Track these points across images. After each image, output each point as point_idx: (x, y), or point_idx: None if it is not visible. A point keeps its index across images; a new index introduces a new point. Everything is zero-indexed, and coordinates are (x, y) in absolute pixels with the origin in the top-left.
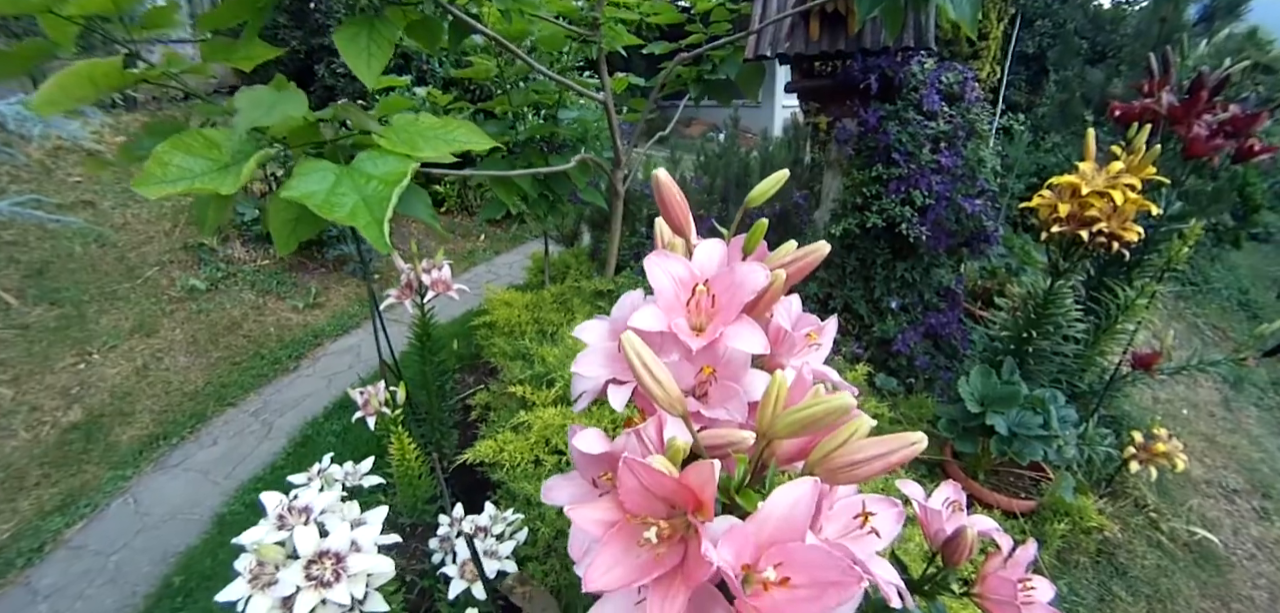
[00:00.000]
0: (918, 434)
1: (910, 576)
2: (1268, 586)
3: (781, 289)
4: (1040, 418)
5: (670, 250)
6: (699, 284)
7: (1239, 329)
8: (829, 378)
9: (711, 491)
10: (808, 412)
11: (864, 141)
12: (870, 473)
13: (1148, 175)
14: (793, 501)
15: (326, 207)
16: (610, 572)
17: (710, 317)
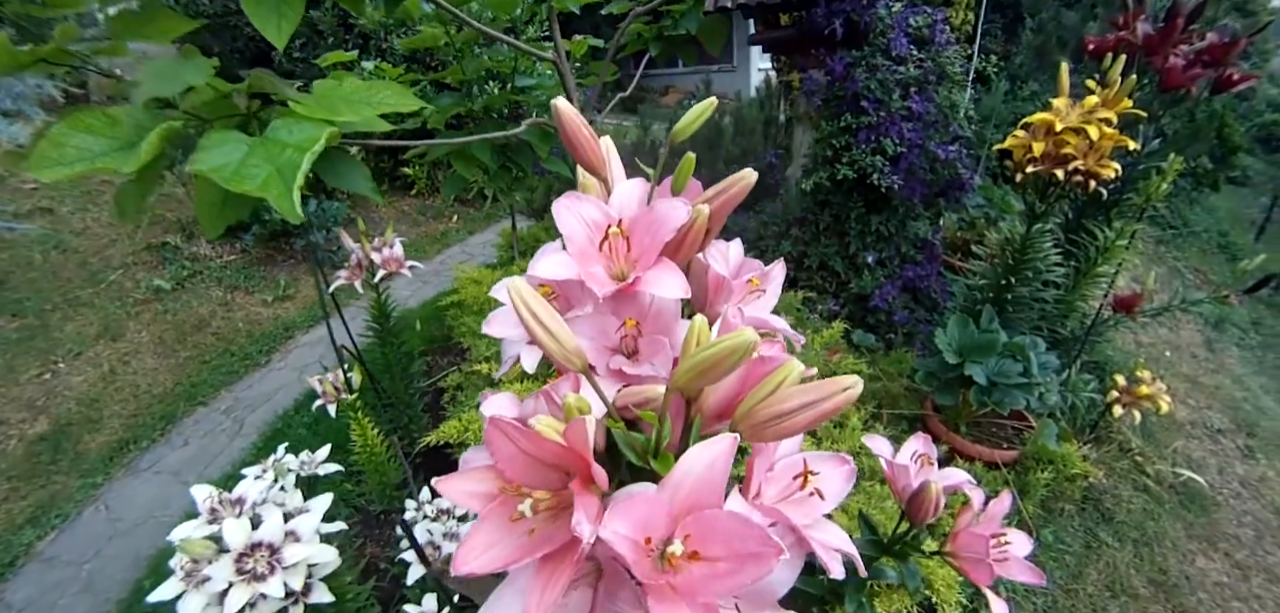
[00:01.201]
0: (851, 378)
1: (880, 537)
2: (1253, 523)
3: (705, 226)
4: (1020, 366)
5: (585, 192)
6: (612, 226)
7: (1219, 271)
8: (771, 326)
9: (587, 452)
10: (702, 354)
11: (832, 92)
12: (800, 425)
13: (1123, 109)
14: (707, 462)
15: (237, 180)
16: (486, 553)
17: (631, 263)
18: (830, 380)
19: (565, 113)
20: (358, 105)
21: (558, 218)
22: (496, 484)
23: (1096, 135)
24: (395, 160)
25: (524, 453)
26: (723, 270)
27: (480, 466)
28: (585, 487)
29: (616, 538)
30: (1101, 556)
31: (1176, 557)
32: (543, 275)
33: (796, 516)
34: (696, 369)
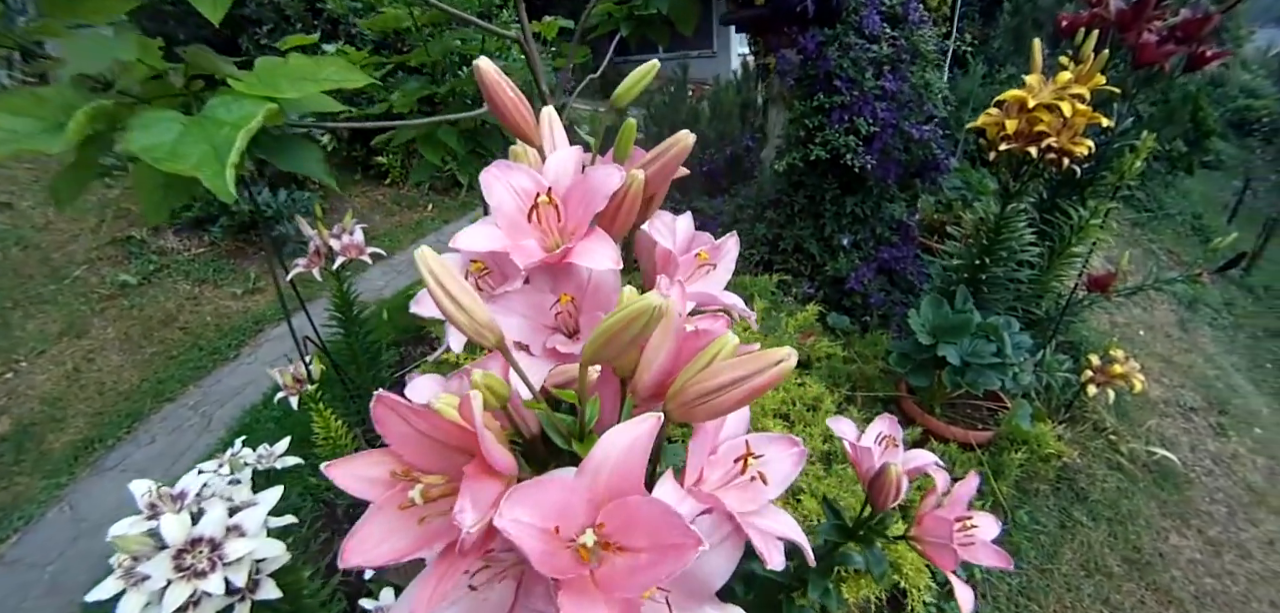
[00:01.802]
0: (783, 350)
1: (845, 522)
2: (1226, 500)
3: (640, 193)
4: (994, 346)
5: (516, 160)
6: (541, 195)
7: (1193, 253)
8: (720, 302)
9: (481, 431)
10: (604, 324)
11: (805, 71)
12: (731, 402)
13: (1097, 85)
14: (627, 445)
15: (171, 159)
16: (380, 545)
17: (564, 234)
18: (761, 353)
19: (485, 71)
20: (301, 82)
21: (486, 187)
22: (390, 469)
23: (1069, 112)
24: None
25: (419, 434)
26: (668, 243)
27: (377, 450)
28: (481, 471)
29: (517, 528)
30: (1076, 535)
31: (1150, 535)
32: (466, 248)
33: (737, 502)
34: (600, 341)
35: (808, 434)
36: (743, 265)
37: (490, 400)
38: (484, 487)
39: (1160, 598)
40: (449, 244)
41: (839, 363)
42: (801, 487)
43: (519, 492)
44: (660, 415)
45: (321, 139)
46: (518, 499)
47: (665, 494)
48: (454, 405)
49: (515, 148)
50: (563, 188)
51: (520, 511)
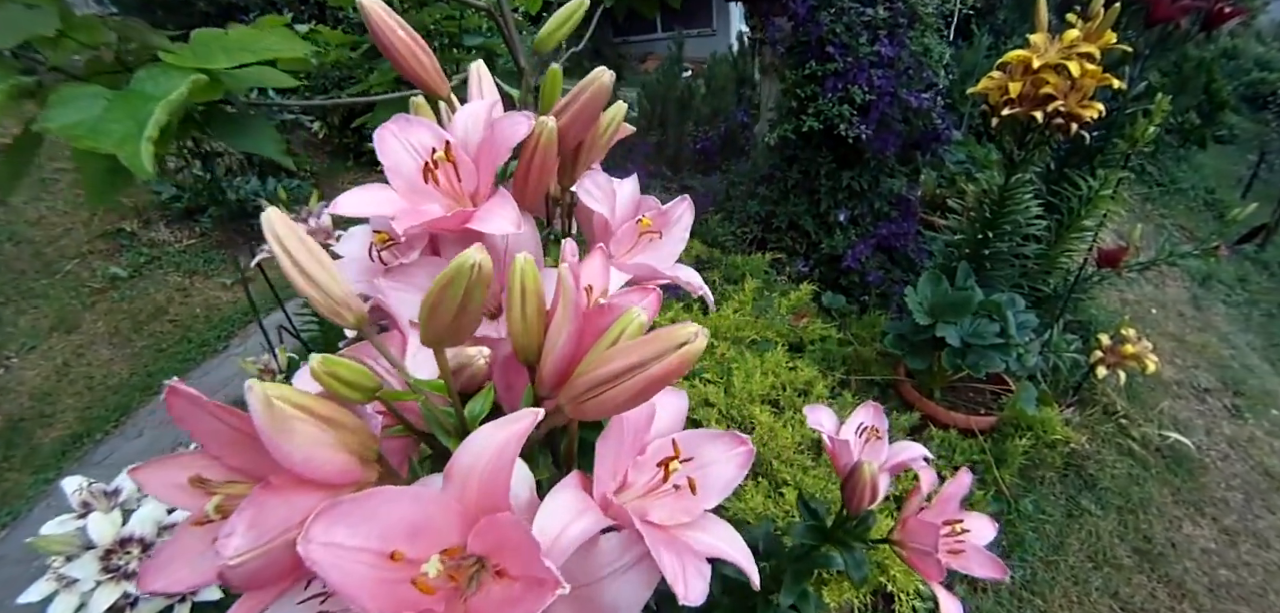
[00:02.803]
0: (690, 327)
1: (823, 523)
2: (1242, 485)
3: (553, 145)
4: (997, 326)
5: (417, 114)
6: (438, 151)
7: (1205, 229)
8: (662, 276)
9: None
10: (428, 297)
11: (797, 38)
12: (628, 395)
13: (1107, 43)
14: (495, 448)
15: (93, 137)
16: (181, 569)
17: (476, 198)
18: (661, 333)
19: (369, 10)
20: (237, 53)
21: (380, 145)
22: (192, 474)
23: (1078, 72)
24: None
25: (234, 431)
26: (599, 208)
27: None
28: (289, 484)
29: (331, 555)
30: (1084, 524)
31: (1162, 523)
32: (349, 212)
33: (666, 513)
34: (424, 314)
35: (798, 421)
36: (735, 244)
37: (342, 392)
38: (282, 502)
39: (1172, 591)
40: (332, 207)
41: (833, 345)
42: (787, 478)
43: (341, 507)
44: (537, 412)
45: (312, 124)
46: (337, 517)
47: (559, 506)
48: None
49: (416, 100)
50: (473, 145)
51: (340, 531)
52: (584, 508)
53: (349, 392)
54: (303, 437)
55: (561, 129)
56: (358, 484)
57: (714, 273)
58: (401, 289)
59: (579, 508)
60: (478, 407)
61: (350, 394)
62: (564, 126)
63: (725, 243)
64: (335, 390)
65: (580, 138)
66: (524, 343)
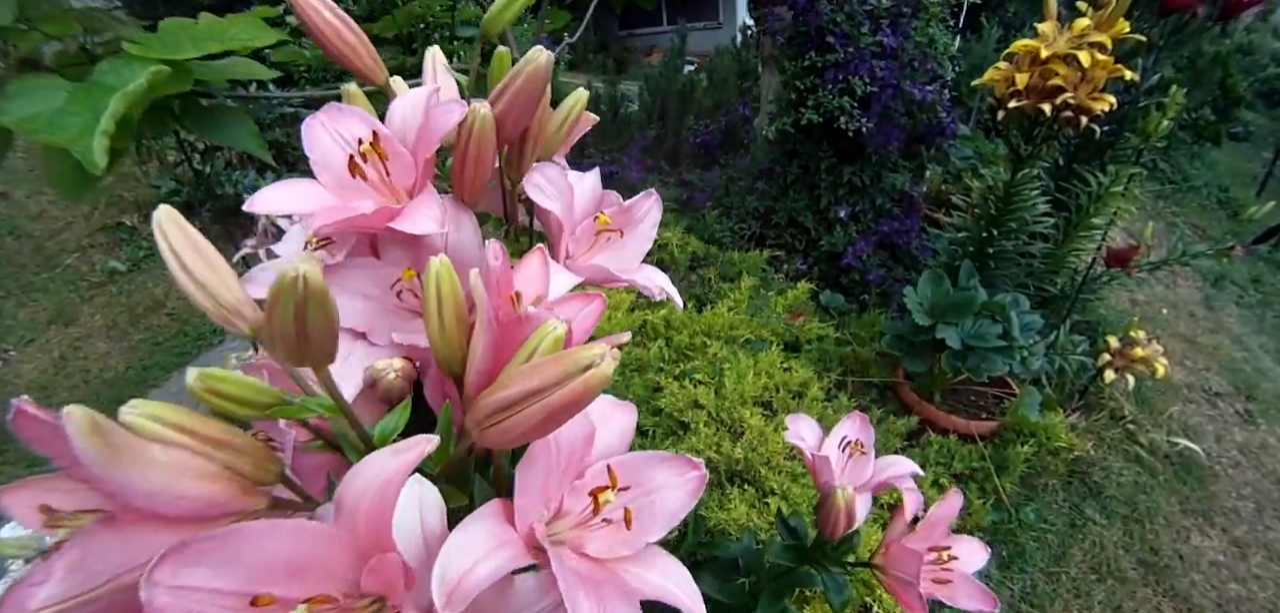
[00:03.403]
0: (595, 349)
1: (803, 542)
2: (1253, 495)
3: (489, 134)
4: (999, 327)
5: (350, 102)
6: (365, 142)
7: (1219, 227)
8: (618, 281)
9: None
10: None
11: (796, 28)
12: (527, 425)
13: (1120, 33)
14: (381, 481)
15: (50, 130)
16: None
17: (413, 193)
18: (564, 356)
19: None
20: (204, 42)
21: (307, 137)
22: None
23: (1088, 63)
24: None
25: None
26: (551, 203)
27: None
28: (132, 520)
29: (180, 600)
30: (1088, 535)
31: (1170, 534)
32: (263, 209)
33: (603, 546)
34: (264, 335)
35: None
36: (732, 240)
37: (228, 409)
38: (119, 542)
39: (1178, 606)
40: (248, 204)
41: (831, 345)
42: (774, 487)
43: (197, 546)
44: (432, 439)
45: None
46: (191, 556)
47: (466, 542)
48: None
49: (348, 88)
50: (412, 136)
51: (195, 572)
52: (498, 544)
53: (237, 409)
54: (159, 466)
55: (499, 116)
56: (240, 516)
57: (710, 270)
58: (334, 293)
59: (492, 544)
60: (391, 424)
61: (239, 412)
62: (501, 113)
63: (722, 239)
64: (220, 409)
65: (523, 125)
66: (445, 354)
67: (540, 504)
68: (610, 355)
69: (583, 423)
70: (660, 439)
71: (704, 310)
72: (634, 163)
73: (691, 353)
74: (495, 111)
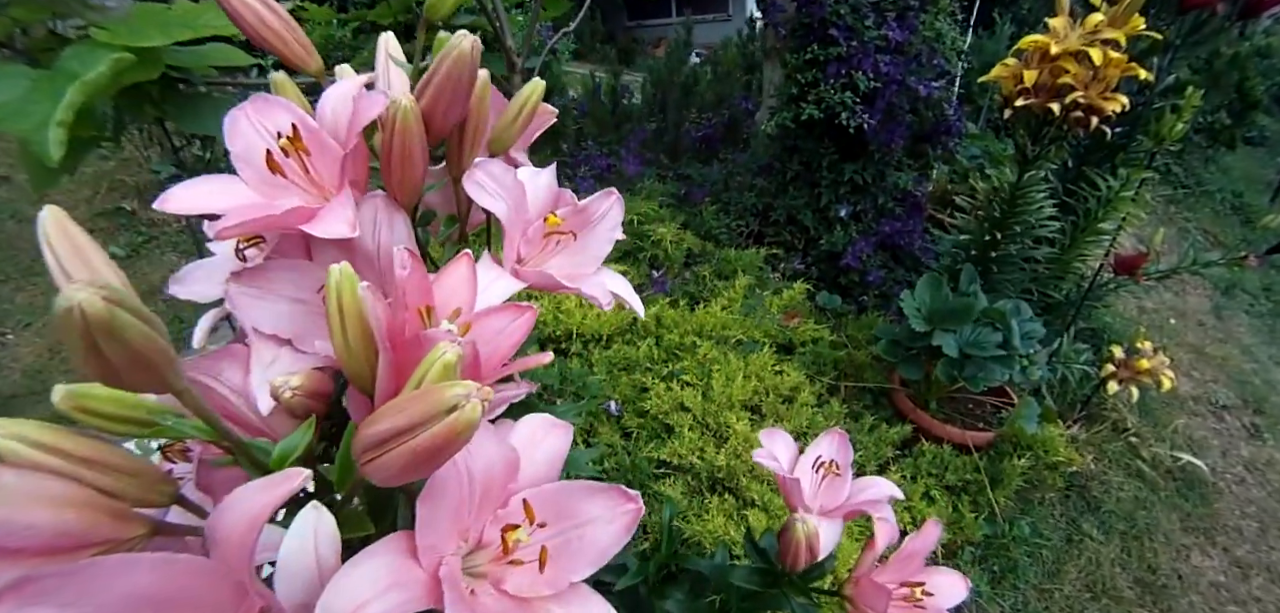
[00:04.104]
0: (460, 390)
1: (772, 565)
2: (1258, 514)
3: (414, 128)
4: (999, 335)
5: (279, 92)
6: (284, 135)
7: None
8: (561, 287)
9: None
10: None
11: (799, 19)
12: (395, 467)
13: (1134, 29)
14: (248, 520)
15: (13, 120)
16: None
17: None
18: (429, 395)
19: None
20: (176, 30)
21: (230, 131)
22: None
23: (1100, 60)
24: None
25: None
26: (494, 203)
27: None
28: None
29: None
30: (1084, 551)
31: (1169, 553)
32: (178, 209)
33: (522, 584)
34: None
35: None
36: (729, 237)
37: (102, 426)
38: None
39: None
40: (158, 202)
41: (826, 348)
42: (754, 497)
43: (40, 583)
44: (303, 473)
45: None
46: (31, 595)
47: (356, 580)
48: None
49: (276, 77)
50: (342, 130)
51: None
52: (394, 582)
53: (110, 426)
54: (6, 493)
55: (426, 109)
56: (107, 546)
57: (705, 267)
58: (251, 294)
59: (388, 581)
60: (294, 441)
61: (112, 429)
62: (428, 105)
63: (719, 236)
64: (93, 426)
65: (455, 117)
66: (353, 370)
67: (451, 537)
68: (477, 396)
69: (502, 450)
70: (645, 442)
71: (697, 309)
72: (632, 156)
73: (681, 352)
74: (422, 103)
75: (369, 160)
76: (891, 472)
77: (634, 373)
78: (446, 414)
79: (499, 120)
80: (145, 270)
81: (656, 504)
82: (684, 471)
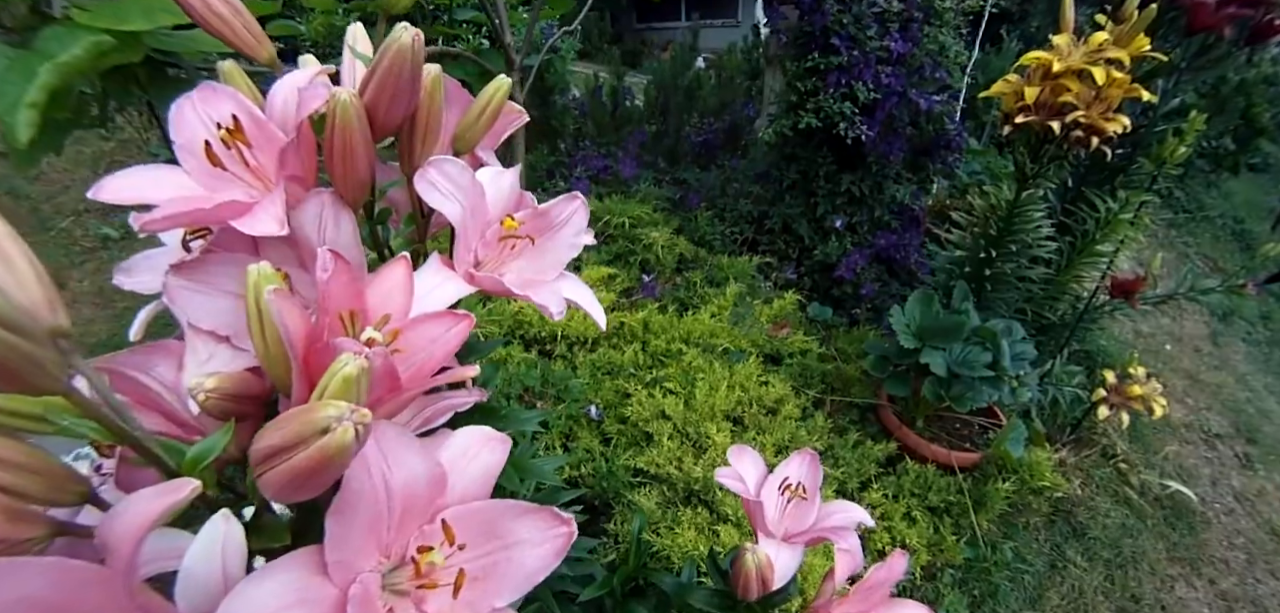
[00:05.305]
0: (332, 411)
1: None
2: (1245, 545)
3: (355, 124)
4: (989, 355)
5: (227, 81)
6: (225, 125)
7: (1231, 259)
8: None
9: None
10: None
11: (801, 28)
12: (278, 485)
13: (1139, 50)
14: (134, 529)
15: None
16: None
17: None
18: (301, 414)
19: None
20: (160, 13)
21: (174, 120)
22: None
23: (1103, 80)
24: None
25: None
26: (446, 205)
27: None
28: None
29: None
30: (1067, 577)
31: (1153, 583)
32: (113, 198)
33: (442, 607)
34: None
35: (759, 444)
36: (723, 244)
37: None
38: None
39: None
40: (92, 191)
41: (814, 360)
42: (729, 512)
43: None
44: (192, 484)
45: None
46: None
47: (268, 588)
48: None
49: (224, 66)
50: (290, 123)
51: None
52: (299, 600)
53: (10, 421)
54: None
55: (370, 103)
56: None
57: (696, 273)
58: (189, 287)
59: (292, 598)
60: (209, 445)
61: (13, 424)
62: (371, 100)
63: (713, 242)
64: None
65: (400, 112)
66: (274, 374)
67: (368, 554)
68: (351, 418)
69: (427, 465)
70: (623, 449)
71: (686, 316)
72: (629, 158)
73: (667, 359)
74: (365, 98)
75: (317, 155)
76: (873, 490)
77: (618, 378)
78: (319, 436)
79: (463, 117)
80: (137, 251)
81: (630, 514)
82: (660, 480)
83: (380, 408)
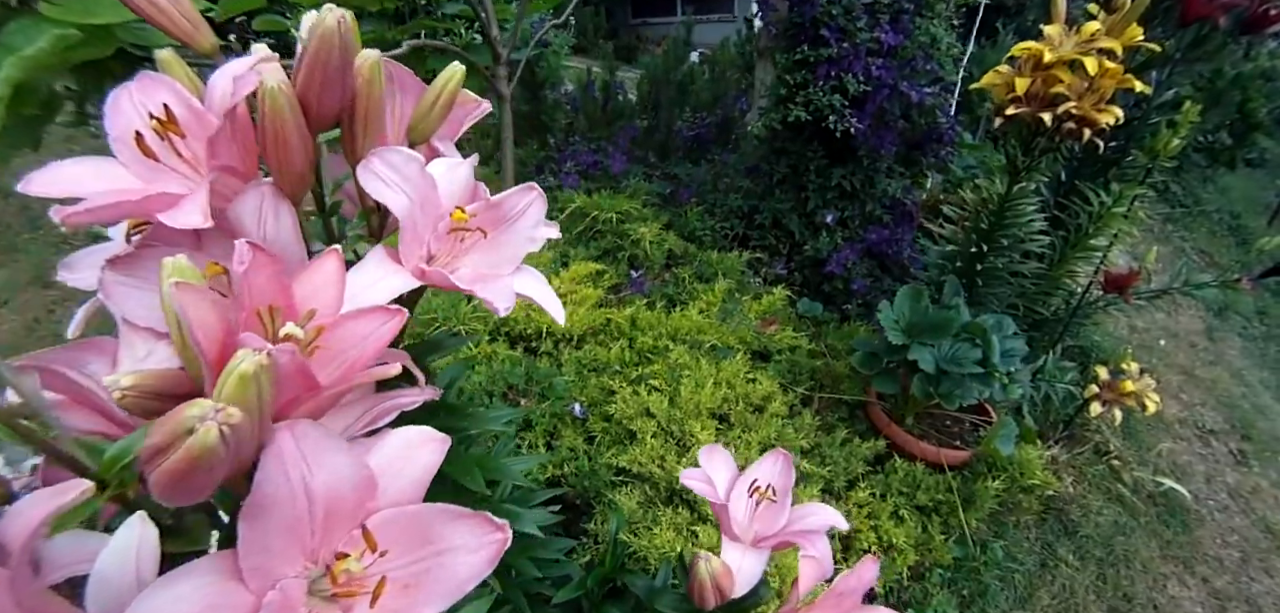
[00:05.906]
0: (196, 409)
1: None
2: (1239, 543)
3: (288, 112)
4: (978, 352)
5: (164, 70)
6: (156, 115)
7: (1227, 254)
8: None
9: None
10: None
11: (790, 19)
12: (160, 484)
13: (1132, 40)
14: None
15: None
16: None
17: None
18: (171, 417)
19: None
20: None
21: (110, 111)
22: None
23: (1095, 70)
24: None
25: None
26: (390, 197)
27: None
28: None
29: None
30: (1057, 576)
31: (1146, 581)
32: (42, 192)
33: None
34: None
35: (744, 442)
36: (713, 240)
37: None
38: None
39: None
40: (18, 187)
41: (803, 357)
42: (709, 513)
43: None
44: (84, 486)
45: None
46: None
47: (178, 593)
48: None
49: (162, 55)
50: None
51: None
52: (209, 605)
53: None
54: None
55: (302, 91)
56: None
57: (685, 269)
58: (126, 283)
59: (202, 603)
60: (127, 445)
61: None
62: (303, 87)
63: (702, 237)
64: None
65: (336, 100)
66: (192, 372)
67: (290, 560)
68: (216, 418)
69: (353, 466)
70: (607, 447)
71: (674, 312)
72: (620, 152)
73: (654, 356)
74: (297, 86)
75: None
76: (861, 489)
77: (604, 375)
78: (185, 436)
79: (417, 108)
80: None
81: (610, 513)
82: (643, 479)
83: (298, 408)
